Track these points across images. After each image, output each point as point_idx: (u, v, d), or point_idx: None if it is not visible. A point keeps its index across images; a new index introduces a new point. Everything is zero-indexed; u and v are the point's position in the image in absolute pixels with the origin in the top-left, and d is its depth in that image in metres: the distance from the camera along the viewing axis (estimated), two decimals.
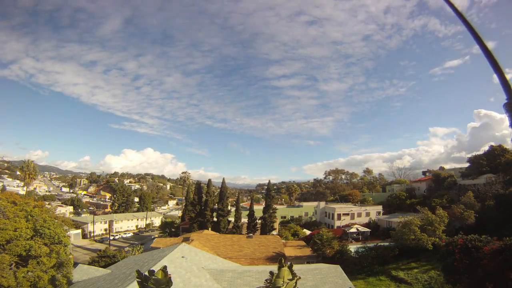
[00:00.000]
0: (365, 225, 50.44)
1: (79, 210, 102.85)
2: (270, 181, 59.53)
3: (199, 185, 60.80)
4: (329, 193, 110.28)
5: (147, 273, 5.71)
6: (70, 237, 47.97)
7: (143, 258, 23.22)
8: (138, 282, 5.69)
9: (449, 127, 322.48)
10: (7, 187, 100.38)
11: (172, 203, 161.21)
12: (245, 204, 79.66)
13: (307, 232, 52.46)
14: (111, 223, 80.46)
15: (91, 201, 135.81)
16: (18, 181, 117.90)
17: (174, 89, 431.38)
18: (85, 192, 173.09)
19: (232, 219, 53.63)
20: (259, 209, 56.26)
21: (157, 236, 61.49)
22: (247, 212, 54.65)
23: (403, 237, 33.80)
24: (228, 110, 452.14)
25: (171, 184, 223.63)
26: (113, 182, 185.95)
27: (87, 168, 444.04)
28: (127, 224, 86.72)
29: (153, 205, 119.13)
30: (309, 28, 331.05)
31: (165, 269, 5.79)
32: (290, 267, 6.12)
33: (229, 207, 57.43)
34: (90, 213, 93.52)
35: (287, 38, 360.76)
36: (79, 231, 67.48)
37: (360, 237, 45.60)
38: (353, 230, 45.89)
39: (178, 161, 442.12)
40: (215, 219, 53.78)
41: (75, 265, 23.17)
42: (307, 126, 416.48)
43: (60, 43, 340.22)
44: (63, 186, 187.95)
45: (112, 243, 61.38)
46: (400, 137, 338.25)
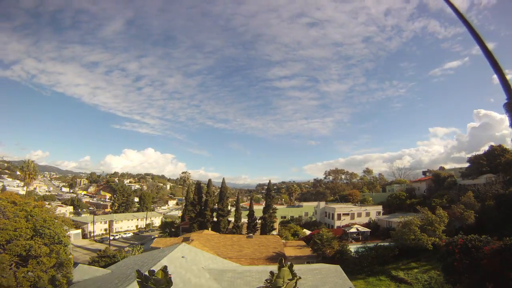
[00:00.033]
0: (365, 225, 50.45)
1: (79, 210, 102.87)
2: (270, 181, 59.79)
3: (199, 185, 60.83)
4: (329, 193, 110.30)
5: (147, 273, 5.70)
6: (70, 237, 47.84)
7: (143, 258, 23.22)
8: (138, 282, 5.68)
9: (449, 127, 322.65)
10: (7, 187, 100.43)
11: (172, 203, 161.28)
12: (245, 204, 79.64)
13: (307, 232, 52.47)
14: (111, 223, 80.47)
15: (91, 201, 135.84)
16: (18, 181, 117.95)
17: (175, 89, 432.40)
18: (85, 192, 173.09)
19: (232, 219, 53.65)
20: (259, 209, 56.27)
21: (157, 236, 61.47)
22: (247, 212, 54.68)
23: (403, 237, 33.81)
24: (229, 110, 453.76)
25: (171, 184, 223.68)
26: (113, 182, 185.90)
27: (87, 168, 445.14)
28: (127, 224, 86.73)
29: (153, 205, 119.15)
30: (310, 29, 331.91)
31: (165, 269, 5.78)
32: (290, 267, 6.11)
33: (229, 207, 57.47)
34: (90, 213, 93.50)
35: (288, 39, 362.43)
36: (79, 231, 67.50)
37: (360, 237, 45.61)
38: (353, 230, 45.91)
39: (178, 161, 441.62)
40: (215, 219, 53.81)
41: (75, 265, 23.18)
42: (308, 126, 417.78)
43: (62, 44, 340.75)
44: (63, 186, 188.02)
45: (112, 243, 61.39)
46: (400, 137, 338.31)
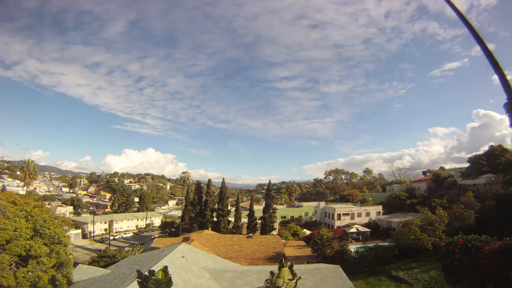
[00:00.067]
0: (365, 225, 50.47)
1: (79, 210, 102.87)
2: (270, 181, 59.82)
3: (199, 185, 60.81)
4: (329, 193, 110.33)
5: (147, 273, 5.70)
6: (70, 237, 47.93)
7: (143, 258, 23.21)
8: (138, 282, 5.67)
9: (448, 127, 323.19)
10: (7, 187, 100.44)
11: (172, 203, 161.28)
12: (245, 204, 79.65)
13: (307, 232, 52.47)
14: (111, 223, 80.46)
15: (91, 201, 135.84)
16: (18, 181, 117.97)
17: (177, 90, 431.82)
18: (85, 192, 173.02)
19: (232, 219, 53.65)
20: (259, 209, 56.26)
21: (157, 236, 61.48)
22: (247, 212, 54.68)
23: (403, 237, 33.83)
24: (230, 111, 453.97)
25: (171, 184, 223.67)
26: (113, 182, 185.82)
27: (87, 168, 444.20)
28: (127, 224, 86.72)
29: (153, 205, 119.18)
30: (311, 31, 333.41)
31: (165, 269, 5.77)
32: (290, 267, 6.10)
33: (229, 207, 57.47)
34: (90, 213, 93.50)
35: (289, 41, 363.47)
36: (79, 231, 67.51)
37: (360, 237, 45.62)
38: (353, 230, 45.92)
39: (179, 161, 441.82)
40: (215, 219, 53.81)
41: (75, 265, 23.16)
42: (308, 127, 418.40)
43: (64, 45, 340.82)
44: (63, 186, 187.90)
45: (112, 243, 61.39)
46: (400, 137, 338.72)
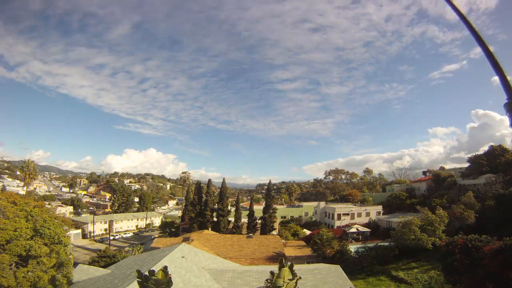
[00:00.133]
0: (365, 225, 50.44)
1: (79, 210, 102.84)
2: (270, 181, 59.84)
3: (199, 185, 60.79)
4: (329, 193, 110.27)
5: (147, 273, 5.70)
6: (70, 237, 47.97)
7: (143, 258, 23.22)
8: (138, 282, 5.69)
9: (448, 128, 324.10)
10: (7, 187, 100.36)
11: (172, 203, 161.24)
12: (245, 204, 79.62)
13: (307, 232, 52.47)
14: (111, 223, 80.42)
15: (91, 201, 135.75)
16: (18, 181, 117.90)
17: (179, 91, 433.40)
18: (85, 192, 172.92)
19: (232, 219, 53.64)
20: (259, 209, 56.25)
21: (157, 236, 61.50)
22: (247, 212, 54.66)
23: (403, 237, 33.80)
24: (231, 112, 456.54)
25: (171, 184, 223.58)
26: (113, 182, 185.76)
27: (88, 168, 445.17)
28: (127, 224, 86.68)
29: (153, 205, 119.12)
30: (313, 35, 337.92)
31: (165, 269, 5.79)
32: (290, 267, 6.11)
33: (229, 207, 57.44)
34: (90, 213, 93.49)
35: (291, 44, 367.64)
36: (79, 231, 67.47)
37: (360, 237, 45.60)
38: (353, 230, 45.90)
39: (179, 161, 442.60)
40: (215, 219, 53.79)
41: (75, 265, 23.16)
42: (308, 127, 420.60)
43: (68, 46, 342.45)
44: (63, 186, 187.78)
45: (112, 243, 61.35)
46: (399, 138, 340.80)
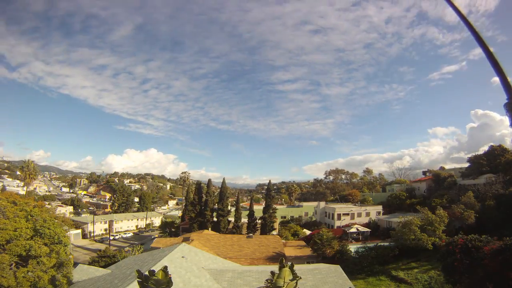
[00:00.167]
0: (365, 225, 50.43)
1: (79, 210, 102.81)
2: (270, 181, 59.83)
3: (199, 185, 60.77)
4: (329, 193, 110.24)
5: (147, 273, 5.70)
6: (70, 237, 47.95)
7: (143, 258, 23.21)
8: (138, 282, 5.68)
9: (448, 128, 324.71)
10: (7, 187, 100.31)
11: (172, 203, 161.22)
12: (245, 204, 79.61)
13: (307, 232, 52.47)
14: (111, 223, 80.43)
15: (91, 201, 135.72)
16: (18, 181, 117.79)
17: (181, 92, 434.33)
18: (85, 192, 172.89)
19: (232, 219, 53.64)
20: (259, 209, 56.25)
21: (157, 236, 61.49)
22: (247, 212, 54.67)
23: (403, 237, 33.80)
24: (232, 112, 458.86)
25: (171, 184, 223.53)
26: (113, 182, 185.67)
27: (88, 168, 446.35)
28: (127, 224, 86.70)
29: (153, 205, 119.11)
30: (314, 36, 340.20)
31: (165, 269, 5.79)
32: (291, 267, 6.11)
33: (229, 207, 57.45)
34: (90, 213, 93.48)
35: (292, 45, 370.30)
36: (79, 231, 67.48)
37: (360, 237, 45.60)
38: (353, 230, 45.89)
39: (180, 161, 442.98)
40: (215, 219, 53.79)
41: (75, 265, 23.16)
42: (309, 127, 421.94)
43: (70, 47, 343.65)
44: (63, 186, 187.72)
45: (112, 243, 61.36)
46: (399, 138, 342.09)
